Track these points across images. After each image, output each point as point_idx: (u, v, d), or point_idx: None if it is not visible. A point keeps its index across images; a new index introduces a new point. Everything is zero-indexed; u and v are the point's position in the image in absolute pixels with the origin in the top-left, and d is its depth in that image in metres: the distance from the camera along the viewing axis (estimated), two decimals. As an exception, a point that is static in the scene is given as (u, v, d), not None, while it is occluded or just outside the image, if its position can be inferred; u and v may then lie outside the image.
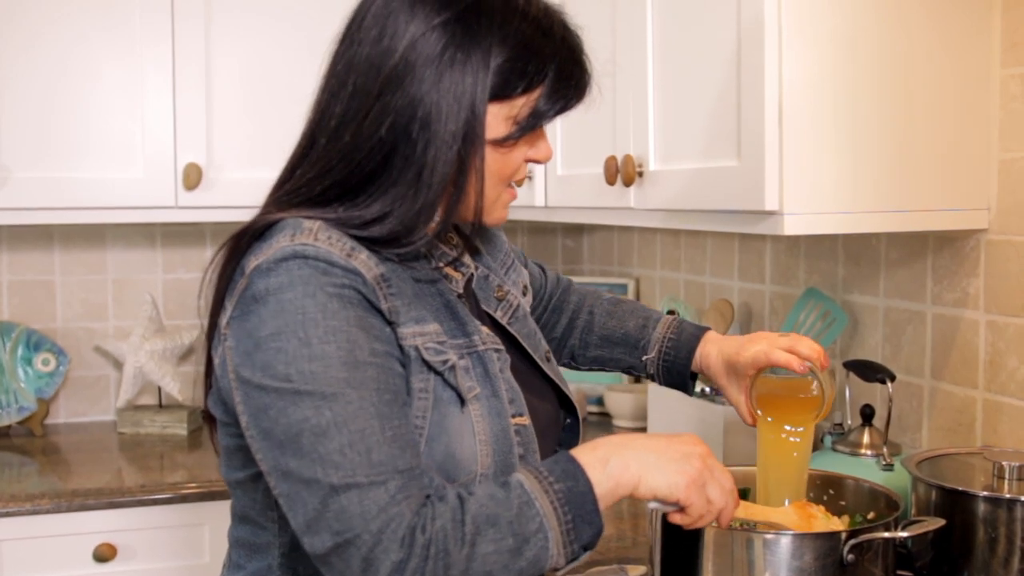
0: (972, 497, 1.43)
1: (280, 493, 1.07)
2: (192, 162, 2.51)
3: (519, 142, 1.18)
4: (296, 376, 1.04)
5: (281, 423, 1.04)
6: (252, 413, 1.07)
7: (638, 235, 2.91)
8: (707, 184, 1.71)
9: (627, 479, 1.11)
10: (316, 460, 1.03)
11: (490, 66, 1.11)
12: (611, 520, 1.96)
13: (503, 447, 1.17)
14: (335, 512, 1.02)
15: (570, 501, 1.07)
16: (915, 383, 1.91)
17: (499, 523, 1.04)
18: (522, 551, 1.04)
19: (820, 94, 1.57)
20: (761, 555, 1.32)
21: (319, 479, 1.02)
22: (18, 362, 2.72)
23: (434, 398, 1.13)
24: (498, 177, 1.18)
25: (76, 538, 2.23)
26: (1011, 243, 1.69)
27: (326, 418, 1.03)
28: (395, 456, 1.04)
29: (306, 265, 1.06)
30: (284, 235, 1.10)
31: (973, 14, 1.67)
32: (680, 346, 1.49)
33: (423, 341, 1.13)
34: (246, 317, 1.08)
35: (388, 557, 1.01)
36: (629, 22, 1.95)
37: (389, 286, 1.11)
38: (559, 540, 1.06)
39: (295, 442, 1.04)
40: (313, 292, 1.06)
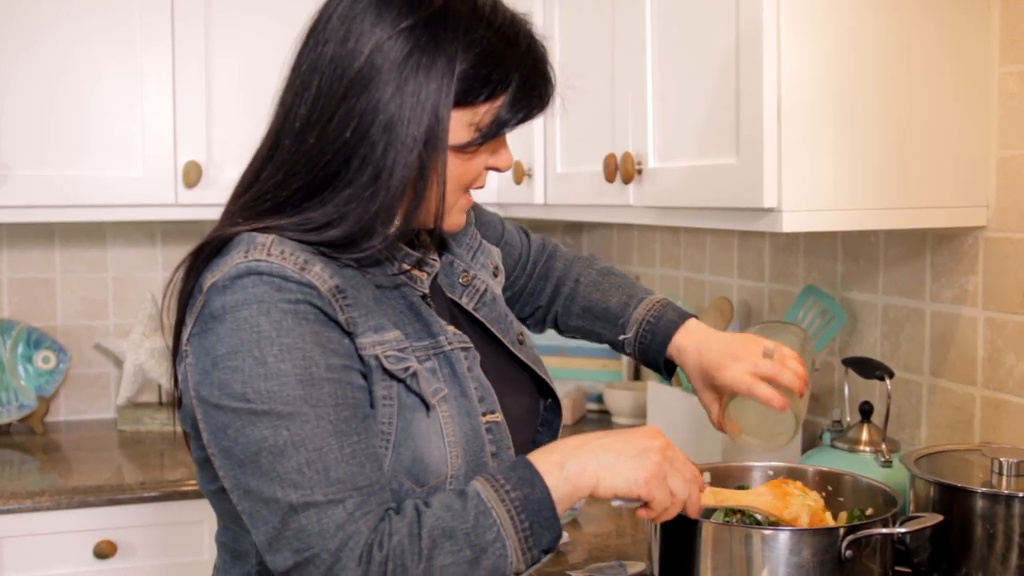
0: (970, 493, 1.43)
1: (242, 511, 1.08)
2: (192, 160, 2.51)
3: (480, 149, 1.18)
4: (253, 395, 1.05)
5: (240, 442, 1.05)
6: (212, 432, 1.08)
7: (637, 233, 2.91)
8: (706, 181, 1.71)
9: (584, 481, 1.12)
10: (275, 479, 1.04)
11: (454, 72, 1.11)
12: (610, 517, 1.97)
13: (474, 447, 1.17)
14: (294, 531, 1.03)
15: (527, 508, 1.08)
16: (914, 380, 1.91)
17: (455, 535, 1.05)
18: (480, 561, 1.06)
19: (818, 91, 1.57)
20: (759, 551, 1.33)
21: (278, 498, 1.04)
22: (18, 360, 2.72)
23: (399, 404, 1.13)
24: (458, 183, 1.19)
25: (76, 535, 2.23)
26: (1009, 240, 1.70)
27: (283, 437, 1.04)
28: (354, 473, 1.06)
29: (261, 282, 1.07)
30: (239, 251, 1.10)
31: (972, 12, 1.68)
32: (657, 331, 1.46)
33: (383, 350, 1.13)
34: (204, 335, 1.08)
35: (348, 572, 1.03)
36: (628, 20, 1.95)
37: (345, 297, 1.11)
38: (517, 547, 1.07)
39: (254, 461, 1.05)
40: (267, 310, 1.06)
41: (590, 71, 2.14)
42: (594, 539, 1.84)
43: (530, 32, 1.19)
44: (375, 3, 1.13)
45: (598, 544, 1.82)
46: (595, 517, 1.96)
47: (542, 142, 2.38)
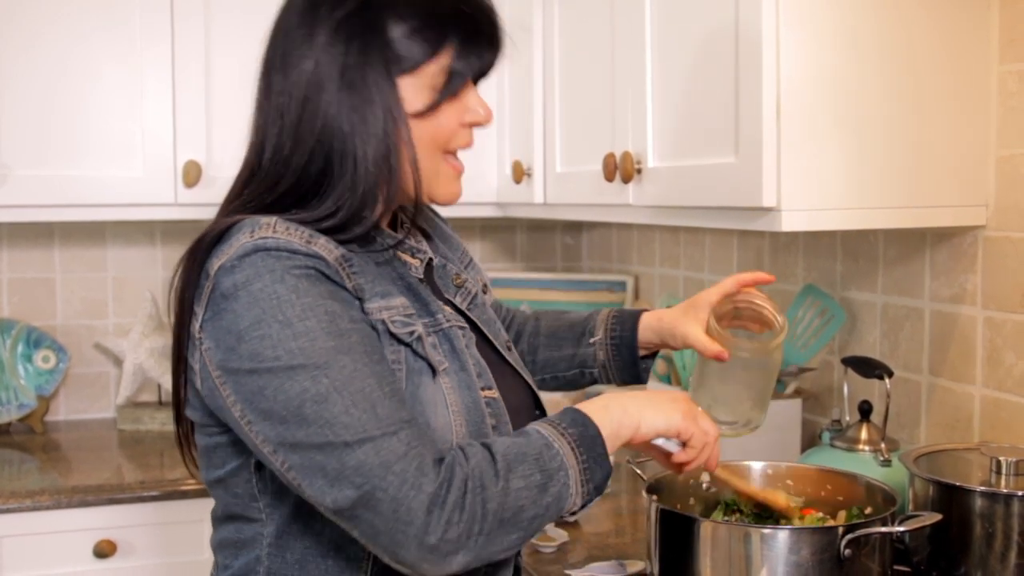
0: (969, 492, 1.44)
1: (292, 466, 1.07)
2: (192, 160, 2.51)
3: (442, 109, 1.20)
4: (285, 355, 1.06)
5: (280, 400, 1.06)
6: (247, 399, 1.08)
7: (637, 232, 2.91)
8: (705, 181, 1.71)
9: (628, 420, 1.19)
10: (324, 425, 1.05)
11: (391, 44, 1.16)
12: (610, 516, 1.97)
13: (475, 417, 1.20)
14: (354, 467, 1.04)
15: (583, 443, 1.14)
16: (913, 379, 1.91)
17: (527, 459, 1.10)
18: (547, 487, 1.10)
19: (818, 91, 1.58)
20: (758, 549, 1.33)
21: (331, 441, 1.04)
22: (18, 359, 2.72)
23: (407, 369, 1.16)
24: (431, 147, 1.21)
25: (76, 534, 2.23)
26: (1009, 239, 1.70)
27: (324, 385, 1.05)
28: (398, 408, 1.08)
29: (269, 256, 1.09)
30: (243, 233, 1.12)
31: (971, 10, 1.68)
32: (625, 318, 1.52)
33: (390, 315, 1.16)
34: (220, 316, 1.09)
35: (421, 492, 1.03)
36: (628, 19, 1.95)
37: (351, 265, 1.14)
38: (577, 479, 1.12)
39: (298, 414, 1.05)
40: (281, 277, 1.08)
41: (590, 70, 2.14)
42: (594, 538, 1.84)
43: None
44: (308, 8, 1.20)
45: (598, 543, 1.82)
46: (594, 517, 1.96)
47: (541, 141, 2.38)
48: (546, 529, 1.83)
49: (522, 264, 3.24)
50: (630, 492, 2.12)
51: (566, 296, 2.99)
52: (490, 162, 2.63)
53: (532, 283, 3.04)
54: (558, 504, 1.11)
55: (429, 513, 1.04)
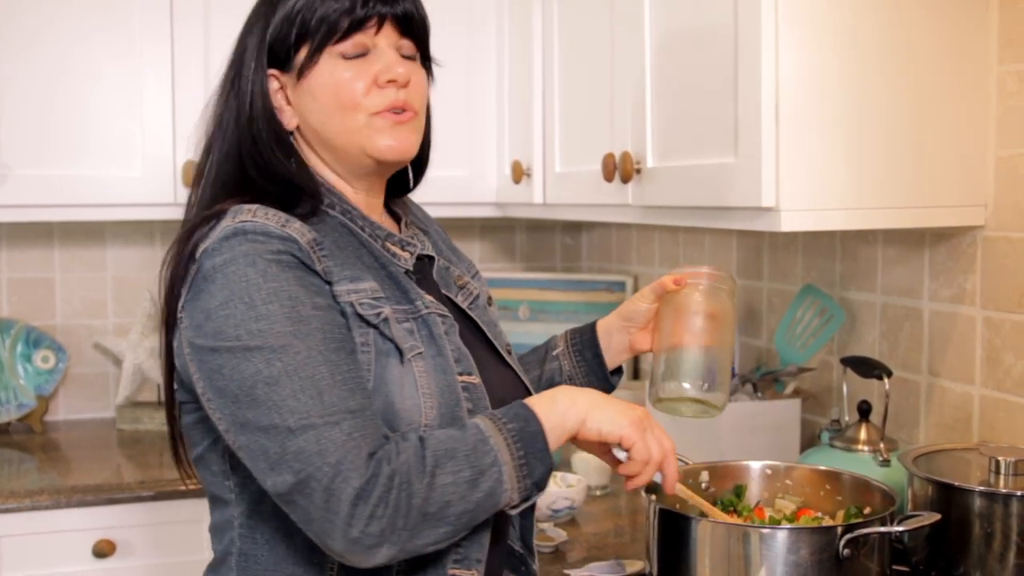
0: (968, 492, 1.44)
1: (240, 445, 1.13)
2: (191, 160, 2.50)
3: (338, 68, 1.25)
4: (245, 335, 1.11)
5: (235, 379, 1.12)
6: (208, 376, 1.14)
7: (636, 232, 2.91)
8: (704, 181, 1.71)
9: (574, 414, 1.19)
10: (271, 407, 1.10)
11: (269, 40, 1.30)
12: (609, 516, 1.97)
13: (449, 400, 1.23)
14: (294, 453, 1.09)
15: (522, 439, 1.15)
16: (912, 379, 1.91)
17: (457, 456, 1.12)
18: (478, 483, 1.12)
19: (816, 91, 1.58)
20: (757, 549, 1.33)
21: (276, 424, 1.10)
22: (18, 359, 2.72)
23: (375, 351, 1.20)
24: (337, 107, 1.26)
25: (75, 534, 2.23)
26: (1008, 239, 1.70)
27: (277, 368, 1.11)
28: (345, 397, 1.12)
29: (246, 239, 1.15)
30: (228, 218, 1.19)
31: (970, 11, 1.68)
32: (583, 327, 1.55)
33: (357, 297, 1.20)
34: (198, 296, 1.16)
35: (349, 485, 1.08)
36: (627, 19, 1.95)
37: (322, 248, 1.20)
38: (512, 474, 1.14)
39: (250, 394, 1.11)
40: (253, 261, 1.14)
41: (589, 70, 2.14)
42: (593, 538, 1.85)
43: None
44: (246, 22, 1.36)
45: (597, 543, 1.82)
46: (594, 516, 1.96)
47: (541, 141, 2.38)
48: (545, 529, 1.83)
49: (521, 264, 3.24)
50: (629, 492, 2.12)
51: (565, 296, 2.99)
52: (489, 162, 2.63)
53: (531, 283, 3.04)
54: (491, 499, 1.14)
55: (354, 506, 1.08)
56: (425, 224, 1.46)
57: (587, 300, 2.98)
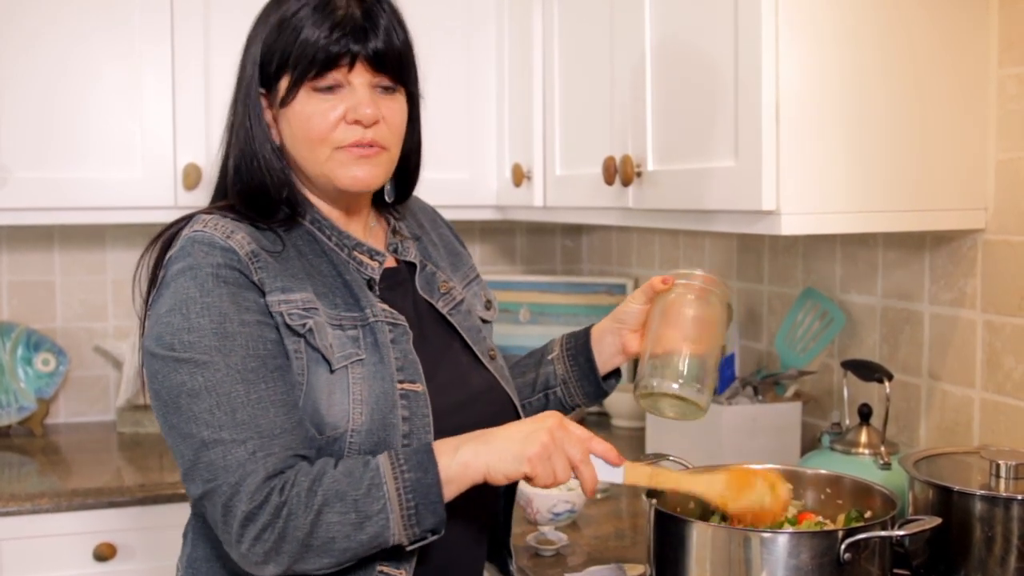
0: (969, 496, 1.44)
1: (169, 446, 1.24)
2: (191, 162, 2.51)
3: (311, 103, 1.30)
4: (178, 345, 1.22)
5: (166, 386, 1.22)
6: (149, 378, 1.25)
7: (636, 235, 2.91)
8: (705, 184, 1.71)
9: (475, 466, 1.22)
10: (191, 418, 1.20)
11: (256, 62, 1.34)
12: (610, 519, 1.97)
13: (383, 407, 1.27)
14: (205, 464, 1.19)
15: (415, 490, 1.20)
16: (912, 382, 1.91)
17: (346, 499, 1.19)
18: (364, 526, 1.19)
19: (817, 95, 1.58)
20: (758, 553, 1.33)
21: (193, 434, 1.20)
22: (18, 362, 2.72)
23: (305, 359, 1.26)
24: (305, 140, 1.32)
25: (76, 537, 2.23)
26: (1008, 243, 1.70)
27: (199, 383, 1.20)
28: (257, 416, 1.20)
29: (197, 248, 1.25)
30: (189, 227, 1.30)
31: (971, 14, 1.68)
32: (578, 332, 1.57)
33: (287, 308, 1.26)
34: (156, 300, 1.27)
35: (239, 507, 1.18)
36: (627, 22, 1.95)
37: (258, 260, 1.27)
38: (400, 523, 1.19)
39: (175, 402, 1.21)
40: (195, 275, 1.24)
41: (589, 73, 2.14)
42: (593, 542, 1.84)
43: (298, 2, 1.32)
44: None
45: (597, 547, 1.82)
46: (594, 519, 1.96)
47: (541, 144, 2.38)
48: (545, 533, 1.83)
49: (522, 267, 3.24)
50: (630, 495, 2.12)
51: (566, 299, 2.99)
52: (490, 165, 2.63)
53: (532, 286, 3.04)
54: (375, 541, 1.20)
55: (243, 527, 1.18)
56: (421, 230, 1.49)
57: (587, 303, 2.97)
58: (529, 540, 1.81)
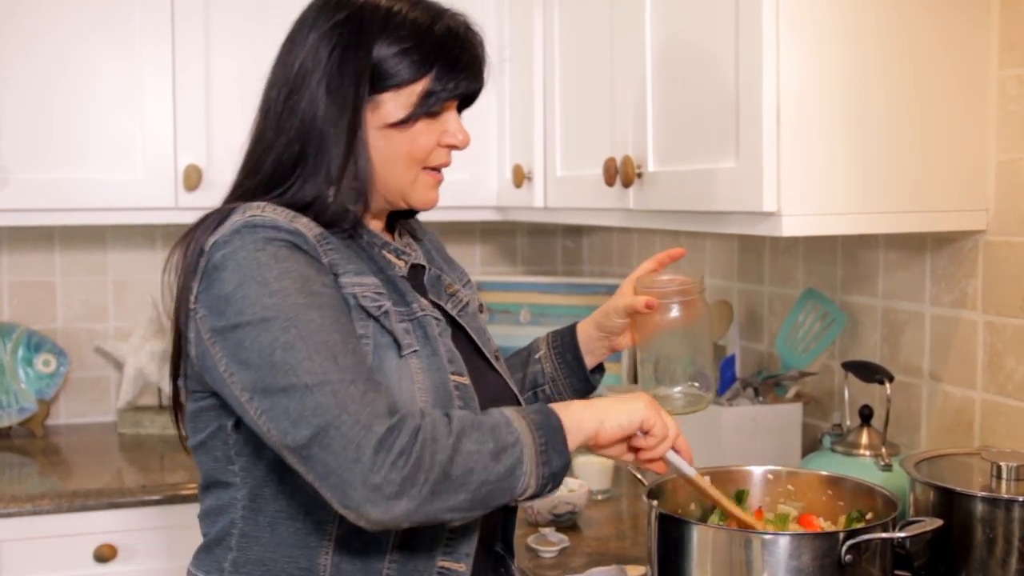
0: (970, 497, 1.44)
1: (262, 412, 1.16)
2: (192, 163, 2.51)
3: (419, 125, 1.31)
4: (261, 309, 1.16)
5: (255, 350, 1.16)
6: (231, 352, 1.18)
7: (637, 236, 2.91)
8: (706, 185, 1.71)
9: (590, 416, 1.24)
10: (289, 371, 1.14)
11: (376, 62, 1.28)
12: (611, 520, 1.97)
13: (442, 397, 1.27)
14: (312, 407, 1.12)
15: (542, 428, 1.19)
16: (914, 384, 1.91)
17: (482, 428, 1.16)
18: (500, 457, 1.15)
19: (818, 96, 1.58)
20: (759, 555, 1.33)
21: (294, 384, 1.13)
22: (19, 363, 2.72)
23: (373, 344, 1.24)
24: (408, 158, 1.32)
25: (77, 539, 2.23)
26: (1009, 244, 1.70)
27: (292, 335, 1.15)
28: (358, 364, 1.17)
29: (255, 232, 1.20)
30: (237, 214, 1.24)
31: (971, 15, 1.68)
32: (563, 330, 1.59)
33: (361, 290, 1.26)
34: (211, 285, 1.20)
35: (372, 431, 1.11)
36: (627, 22, 1.95)
37: (328, 243, 1.25)
38: (533, 458, 1.17)
39: (269, 361, 1.15)
40: (263, 247, 1.19)
41: (590, 74, 2.14)
42: (594, 543, 1.84)
43: (451, 17, 1.33)
44: (311, 15, 1.32)
45: (598, 548, 1.82)
46: (595, 521, 1.96)
47: (542, 145, 2.38)
48: (546, 534, 1.83)
49: (523, 268, 3.24)
50: (631, 496, 2.12)
51: (566, 300, 2.99)
52: (491, 166, 2.63)
53: (532, 287, 3.04)
54: (510, 477, 1.16)
55: (376, 453, 1.10)
56: (419, 234, 1.51)
57: (588, 303, 2.97)
58: (530, 541, 1.81)
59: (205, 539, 1.35)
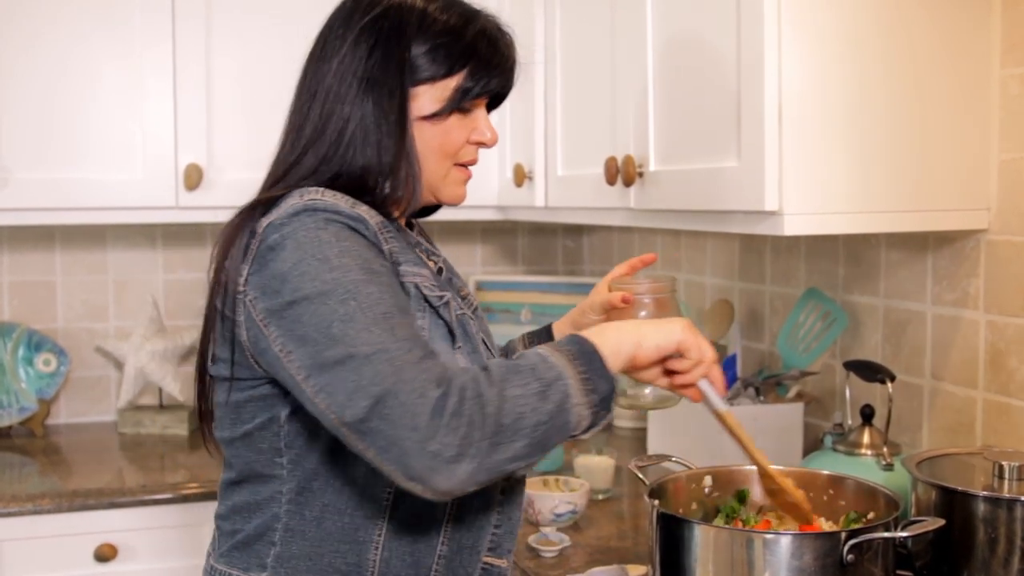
0: (972, 497, 1.43)
1: (319, 389, 1.14)
2: (193, 163, 2.51)
3: (452, 119, 1.34)
4: (320, 284, 1.15)
5: (313, 323, 1.14)
6: (287, 330, 1.16)
7: (638, 236, 2.91)
8: (707, 184, 1.71)
9: (626, 338, 1.23)
10: (347, 342, 1.13)
11: (411, 57, 1.30)
12: (612, 520, 1.97)
13: None
14: (370, 377, 1.11)
15: (580, 357, 1.18)
16: (915, 383, 1.91)
17: (522, 371, 1.15)
18: (547, 394, 1.14)
19: (820, 94, 1.57)
20: (761, 555, 1.33)
21: (352, 354, 1.12)
22: (19, 362, 2.72)
23: (430, 336, 1.26)
24: (440, 152, 1.34)
25: (77, 538, 2.23)
26: (1011, 243, 1.69)
27: (351, 307, 1.14)
28: (416, 336, 1.16)
29: (315, 214, 1.20)
30: (294, 197, 1.23)
31: (973, 14, 1.68)
32: (540, 329, 1.61)
33: (421, 280, 1.27)
34: (265, 266, 1.19)
35: (425, 399, 1.09)
36: (628, 22, 1.95)
37: (389, 231, 1.26)
38: (579, 388, 1.15)
39: (327, 333, 1.13)
40: (324, 226, 1.19)
41: (591, 73, 2.14)
42: (595, 542, 1.84)
43: (484, 18, 1.37)
44: (343, 14, 1.34)
45: (599, 547, 1.82)
46: (596, 520, 1.96)
47: (543, 144, 2.38)
48: (547, 534, 1.83)
49: (523, 267, 3.24)
50: (631, 496, 2.12)
51: (567, 299, 2.99)
52: (491, 165, 2.62)
53: (533, 286, 3.03)
54: (562, 413, 1.14)
55: (431, 419, 1.09)
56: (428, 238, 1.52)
57: (589, 303, 2.97)
58: (531, 541, 1.81)
59: (237, 536, 1.32)
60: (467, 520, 1.32)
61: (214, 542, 1.37)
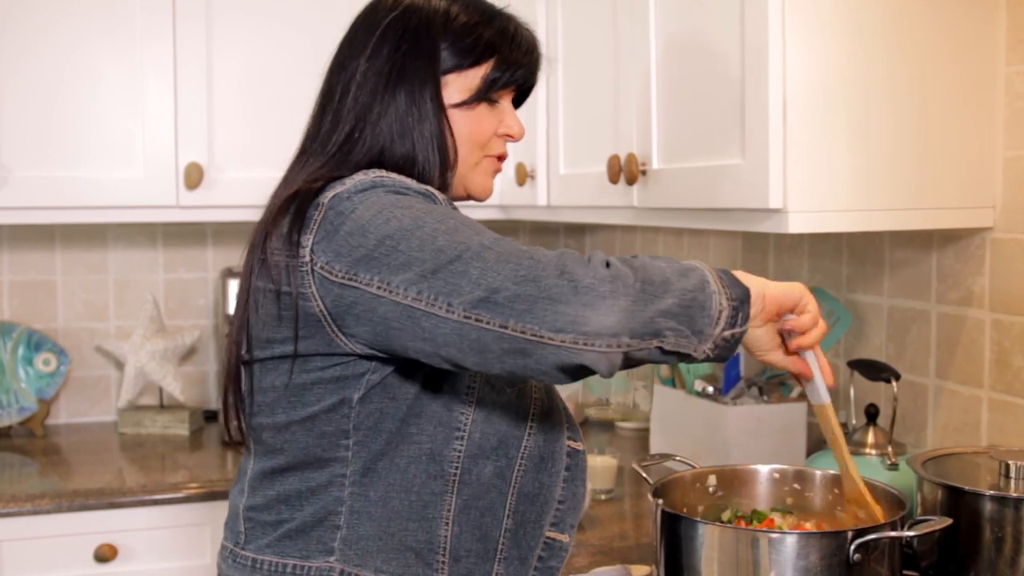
0: (978, 496, 1.42)
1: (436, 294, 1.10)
2: (193, 162, 2.50)
3: (481, 109, 1.36)
4: (412, 219, 1.15)
5: (415, 244, 1.13)
6: (385, 265, 1.14)
7: (641, 234, 2.90)
8: (711, 182, 1.70)
9: (755, 280, 1.20)
10: (460, 244, 1.12)
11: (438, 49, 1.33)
12: (615, 520, 1.96)
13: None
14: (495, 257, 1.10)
15: (713, 270, 1.16)
16: (920, 382, 1.90)
17: (658, 259, 1.14)
18: (687, 274, 1.13)
19: (824, 92, 1.57)
20: (766, 554, 1.32)
21: (470, 246, 1.11)
22: (19, 362, 2.71)
23: None
24: (471, 141, 1.36)
25: (77, 538, 2.22)
26: (1017, 241, 1.69)
27: (452, 223, 1.15)
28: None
29: (385, 190, 1.20)
30: (358, 175, 1.24)
31: (978, 11, 1.67)
32: None
33: None
34: (337, 229, 1.17)
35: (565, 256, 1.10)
36: (631, 20, 1.94)
37: (455, 209, 1.26)
38: (716, 280, 1.14)
39: (434, 246, 1.12)
40: (398, 192, 1.20)
41: (593, 71, 2.13)
42: (599, 542, 1.83)
43: (506, 15, 1.39)
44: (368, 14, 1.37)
45: (603, 547, 1.81)
46: (599, 520, 1.95)
47: (545, 143, 2.37)
48: (550, 533, 1.82)
49: (525, 267, 3.23)
50: (634, 496, 2.11)
51: (569, 299, 2.98)
52: (493, 164, 2.62)
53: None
54: (704, 290, 1.12)
55: (576, 263, 1.08)
56: None
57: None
58: (533, 541, 1.80)
59: (285, 525, 1.28)
60: (532, 493, 1.33)
61: (240, 535, 1.33)
